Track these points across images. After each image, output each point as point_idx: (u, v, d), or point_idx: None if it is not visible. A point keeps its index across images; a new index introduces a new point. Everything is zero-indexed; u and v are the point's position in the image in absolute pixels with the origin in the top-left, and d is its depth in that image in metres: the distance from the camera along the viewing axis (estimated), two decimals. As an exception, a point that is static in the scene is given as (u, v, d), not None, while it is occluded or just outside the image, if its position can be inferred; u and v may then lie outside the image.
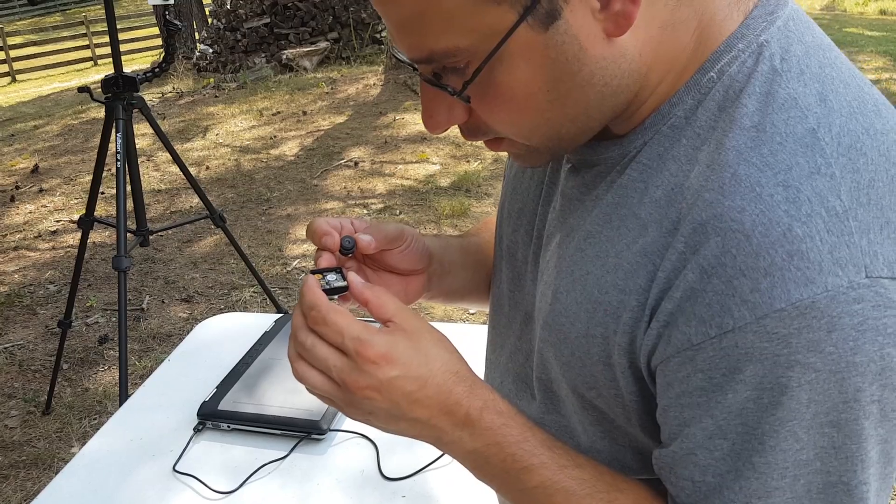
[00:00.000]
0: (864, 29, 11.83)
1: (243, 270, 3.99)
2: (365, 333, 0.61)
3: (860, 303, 0.49)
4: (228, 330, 1.78)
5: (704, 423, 0.55)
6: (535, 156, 0.65)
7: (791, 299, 0.49)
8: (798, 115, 0.53)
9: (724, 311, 0.51)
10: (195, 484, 1.29)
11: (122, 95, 2.57)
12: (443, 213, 4.75)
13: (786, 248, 0.49)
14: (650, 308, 0.57)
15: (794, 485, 0.54)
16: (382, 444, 1.36)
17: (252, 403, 1.41)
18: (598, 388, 0.63)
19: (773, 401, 0.52)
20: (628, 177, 0.61)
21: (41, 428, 3.01)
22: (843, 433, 0.52)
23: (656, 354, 0.57)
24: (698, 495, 0.57)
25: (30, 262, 4.56)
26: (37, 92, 12.46)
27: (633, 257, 0.58)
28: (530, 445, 0.63)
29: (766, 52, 0.56)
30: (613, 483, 0.64)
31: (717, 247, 0.52)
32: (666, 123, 0.59)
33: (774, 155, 0.52)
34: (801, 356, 0.50)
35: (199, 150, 6.58)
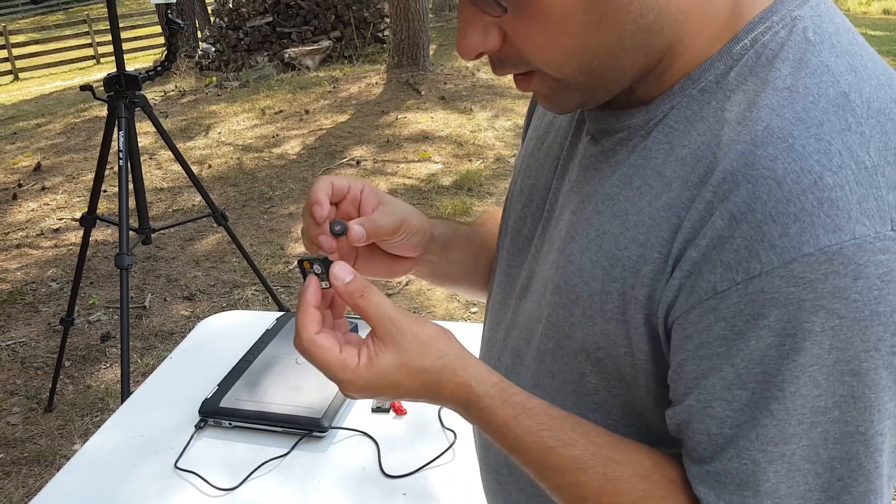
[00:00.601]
0: (867, 28, 11.82)
1: (245, 269, 3.99)
2: (342, 373, 0.63)
3: (885, 253, 0.50)
4: (230, 328, 1.78)
5: (724, 373, 0.55)
6: (563, 95, 0.64)
7: (820, 244, 0.50)
8: (830, 79, 0.55)
9: (752, 256, 0.52)
10: (196, 481, 1.29)
11: (125, 94, 2.58)
12: (444, 212, 4.75)
13: (816, 195, 0.50)
14: (674, 258, 0.57)
15: (810, 432, 0.54)
16: (383, 442, 1.36)
17: (253, 401, 1.42)
18: (608, 348, 0.64)
19: (795, 347, 0.52)
20: (653, 139, 0.62)
21: (43, 425, 3.02)
22: (862, 382, 0.53)
23: (676, 307, 0.57)
24: (714, 448, 0.58)
25: (32, 260, 4.56)
26: (39, 90, 12.48)
27: (656, 212, 0.59)
28: (513, 434, 0.65)
29: (799, 25, 0.58)
30: (611, 455, 0.64)
31: (747, 193, 0.52)
32: (696, 87, 0.60)
33: (807, 112, 0.53)
34: (826, 302, 0.50)
35: (202, 148, 6.58)
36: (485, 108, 7.09)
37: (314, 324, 0.64)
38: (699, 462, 0.59)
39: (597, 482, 0.63)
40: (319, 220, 0.72)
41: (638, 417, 0.66)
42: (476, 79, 8.17)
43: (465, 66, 8.76)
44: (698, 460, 0.59)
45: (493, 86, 7.88)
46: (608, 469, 0.64)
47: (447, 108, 7.10)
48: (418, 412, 1.44)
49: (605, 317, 0.63)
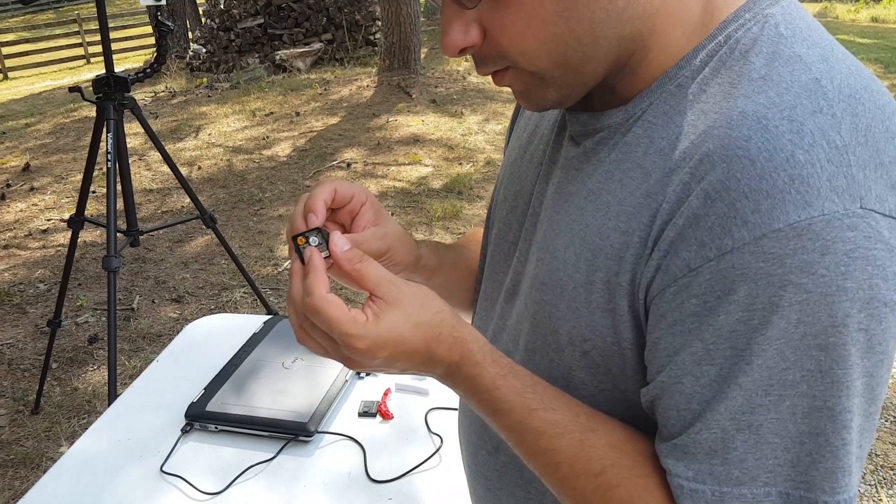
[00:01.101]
0: (855, 36, 11.90)
1: (234, 271, 3.99)
2: (353, 328, 0.63)
3: (853, 230, 0.52)
4: (217, 331, 1.78)
5: (694, 348, 0.56)
6: (539, 90, 0.65)
7: (789, 220, 0.51)
8: (802, 68, 0.56)
9: (725, 232, 0.53)
10: (182, 485, 1.29)
11: (113, 96, 2.57)
12: (434, 215, 4.76)
13: (788, 172, 0.52)
14: (653, 239, 0.59)
15: (778, 404, 0.55)
16: (369, 447, 1.36)
17: (240, 405, 1.42)
18: (594, 339, 0.65)
19: (763, 320, 0.53)
20: (633, 134, 0.64)
21: (30, 427, 3.00)
22: (830, 357, 0.53)
23: (653, 287, 0.59)
24: (682, 424, 0.59)
25: (20, 261, 4.54)
26: (29, 90, 12.42)
27: (636, 200, 0.61)
28: (500, 393, 0.67)
29: (771, 21, 0.60)
30: (587, 424, 0.66)
31: (722, 172, 0.54)
32: (673, 83, 0.62)
33: (780, 96, 0.55)
34: (793, 276, 0.52)
35: (192, 149, 6.57)
36: (475, 111, 7.10)
37: (325, 284, 0.65)
38: (668, 438, 0.60)
39: (573, 448, 0.65)
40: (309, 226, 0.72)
41: (626, 412, 0.67)
42: (467, 82, 8.18)
43: (455, 70, 8.78)
44: (667, 436, 0.61)
45: (483, 90, 7.89)
46: (584, 436, 0.65)
47: (438, 112, 7.11)
48: (405, 416, 1.44)
49: (591, 307, 0.64)
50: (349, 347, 0.63)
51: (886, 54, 10.16)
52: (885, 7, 15.78)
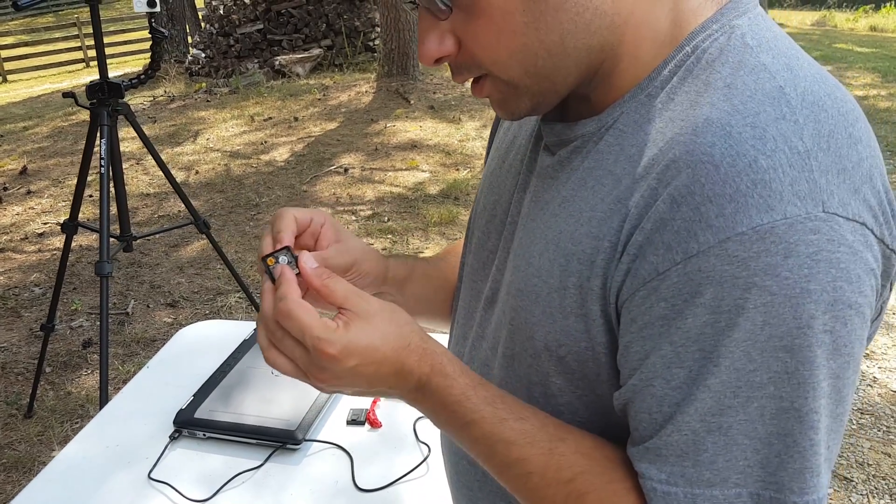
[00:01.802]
0: (853, 45, 11.94)
1: (229, 276, 3.99)
2: (324, 332, 0.63)
3: (816, 234, 0.52)
4: (208, 337, 1.78)
5: (664, 351, 0.57)
6: (513, 99, 0.67)
7: (752, 223, 0.52)
8: (767, 76, 0.58)
9: (690, 236, 0.54)
10: (169, 492, 1.29)
11: (107, 102, 2.58)
12: (431, 220, 4.76)
13: (751, 177, 0.53)
14: (622, 244, 0.60)
15: (747, 406, 0.56)
16: (357, 455, 1.36)
17: (228, 412, 1.42)
18: (569, 344, 0.65)
19: (729, 322, 0.54)
20: (606, 142, 0.65)
21: (22, 431, 3.00)
22: (796, 359, 0.54)
23: (623, 291, 0.60)
24: (653, 427, 0.59)
25: (15, 265, 4.54)
26: (27, 93, 12.43)
27: (607, 206, 0.62)
28: (471, 403, 0.67)
29: (737, 32, 0.61)
30: (556, 433, 0.66)
31: (687, 177, 0.55)
32: (644, 93, 0.64)
33: (744, 104, 0.56)
34: (758, 279, 0.53)
35: (190, 154, 6.57)
36: (473, 117, 7.11)
37: (297, 292, 0.66)
38: (640, 441, 0.61)
39: (543, 457, 0.65)
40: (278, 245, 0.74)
41: (604, 417, 0.68)
42: (465, 89, 8.19)
43: (454, 76, 8.79)
44: (638, 440, 0.61)
45: (482, 96, 7.90)
46: (553, 445, 0.66)
47: (436, 118, 7.12)
48: (393, 424, 1.44)
49: (565, 312, 0.65)
50: (320, 353, 0.63)
51: (885, 63, 10.18)
52: (884, 16, 15.83)
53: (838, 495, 2.47)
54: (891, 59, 10.68)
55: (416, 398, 0.69)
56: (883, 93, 8.13)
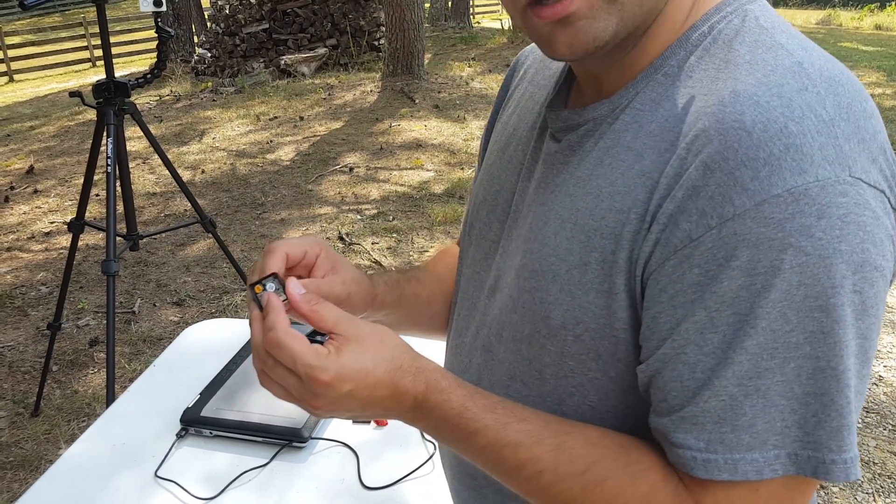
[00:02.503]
0: (859, 44, 11.89)
1: (235, 274, 4.00)
2: (315, 360, 0.63)
3: (845, 196, 0.54)
4: (214, 336, 1.79)
5: (698, 317, 0.57)
6: (603, 18, 0.62)
7: (787, 186, 0.53)
8: (785, 53, 0.60)
9: (726, 200, 0.55)
10: (176, 490, 1.30)
11: (114, 101, 2.58)
12: (436, 219, 4.76)
13: (783, 141, 0.54)
14: (651, 215, 0.60)
15: (783, 367, 0.56)
16: (363, 453, 1.37)
17: (234, 410, 1.42)
18: (587, 321, 0.65)
19: (765, 284, 0.55)
20: (622, 122, 0.66)
21: (29, 429, 3.01)
22: (830, 318, 0.55)
23: (652, 261, 0.60)
24: (686, 394, 0.59)
25: (22, 264, 4.56)
26: (34, 92, 12.47)
27: (630, 181, 0.63)
28: (471, 413, 0.67)
29: (751, 15, 0.64)
30: (560, 428, 0.67)
31: (720, 144, 0.56)
32: (659, 73, 0.65)
33: (767, 77, 0.58)
34: (793, 240, 0.54)
35: (195, 153, 6.59)
36: (478, 116, 7.11)
37: (285, 321, 0.66)
38: (670, 412, 0.61)
39: (552, 453, 0.65)
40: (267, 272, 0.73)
41: (615, 401, 0.68)
42: (470, 88, 8.20)
43: (459, 76, 8.80)
44: (669, 410, 0.61)
45: (486, 95, 7.91)
46: (560, 440, 0.66)
47: (441, 117, 7.12)
48: (399, 423, 1.44)
49: (584, 288, 0.65)
50: (313, 380, 0.63)
51: (890, 62, 10.15)
52: (889, 15, 15.77)
53: (843, 494, 2.47)
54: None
55: (414, 417, 0.68)
56: (889, 91, 8.11)
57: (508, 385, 0.75)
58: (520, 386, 0.74)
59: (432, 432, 0.70)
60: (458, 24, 13.72)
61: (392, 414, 0.68)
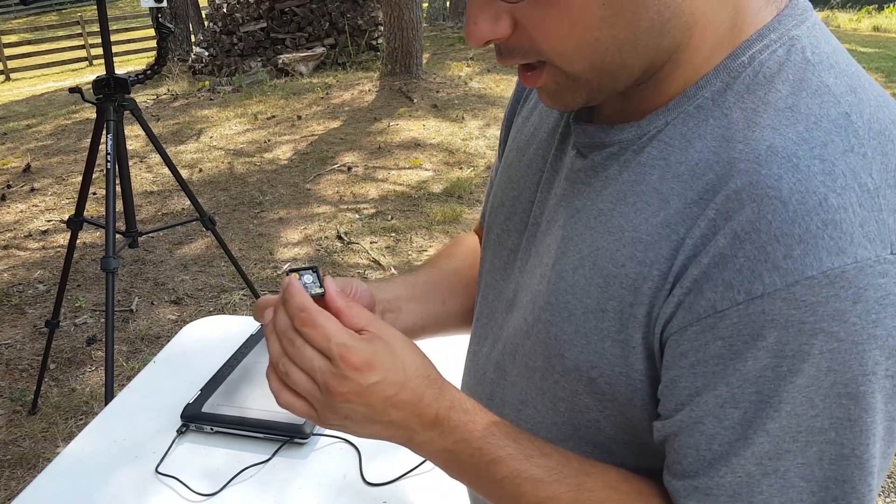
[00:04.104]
0: (857, 45, 11.91)
1: (233, 273, 3.99)
2: (350, 340, 0.62)
3: (884, 277, 0.51)
4: (214, 333, 1.78)
5: (718, 391, 0.55)
6: (570, 92, 0.62)
7: (822, 267, 0.50)
8: (831, 100, 0.55)
9: (755, 276, 0.52)
10: (177, 486, 1.29)
11: (114, 97, 2.58)
12: (434, 219, 4.76)
13: (821, 217, 0.50)
14: (674, 275, 0.57)
15: (806, 450, 0.54)
16: (365, 450, 1.36)
17: (235, 406, 1.42)
18: (602, 367, 0.63)
19: (792, 368, 0.52)
20: (647, 154, 0.61)
21: (27, 427, 3.00)
22: (859, 406, 0.53)
23: (673, 323, 0.57)
24: (701, 464, 0.57)
25: (19, 262, 4.54)
26: (30, 91, 12.45)
27: (654, 230, 0.59)
28: (496, 439, 0.64)
29: (797, 45, 0.58)
30: (581, 468, 0.65)
31: (752, 213, 0.52)
32: (692, 104, 0.60)
33: (810, 132, 0.53)
34: (825, 325, 0.51)
35: (193, 152, 6.58)
36: (476, 116, 7.11)
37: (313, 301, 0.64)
38: (683, 476, 0.59)
39: (572, 493, 0.63)
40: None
41: (631, 437, 0.66)
42: (468, 87, 8.19)
43: (457, 76, 8.79)
44: (682, 474, 0.59)
45: (484, 95, 7.90)
46: (580, 480, 0.64)
47: (439, 117, 7.12)
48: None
49: (601, 335, 0.62)
50: (345, 361, 0.61)
51: (888, 63, 10.17)
52: (887, 17, 15.81)
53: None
54: (894, 58, 10.67)
55: (431, 438, 0.65)
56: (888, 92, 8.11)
57: (520, 409, 0.73)
58: (532, 412, 0.72)
59: (446, 458, 0.66)
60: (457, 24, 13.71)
61: (406, 431, 0.65)
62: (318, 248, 4.46)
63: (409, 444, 0.66)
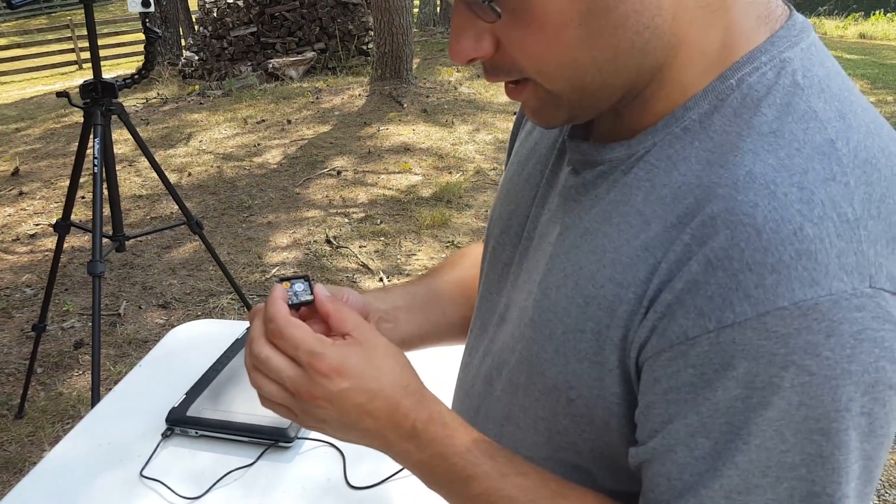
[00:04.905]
0: (843, 52, 12.00)
1: (222, 277, 3.98)
2: (318, 346, 0.62)
3: (861, 311, 0.49)
4: (200, 336, 1.78)
5: (689, 420, 0.54)
6: (552, 109, 0.62)
7: (795, 298, 0.49)
8: (817, 126, 0.54)
9: (726, 304, 0.51)
10: (161, 489, 1.29)
11: (101, 101, 2.57)
12: (423, 223, 4.77)
13: (795, 247, 0.49)
14: (648, 299, 0.56)
15: (776, 486, 0.53)
16: (349, 453, 1.36)
17: (220, 410, 1.42)
18: (580, 388, 0.62)
19: (762, 400, 0.51)
20: (634, 175, 0.61)
21: (13, 432, 2.99)
22: (832, 443, 0.51)
23: (647, 348, 0.56)
24: (672, 493, 0.57)
25: (7, 266, 4.52)
26: (20, 94, 12.39)
27: (633, 251, 0.58)
28: (472, 456, 0.64)
29: (788, 68, 0.57)
30: (558, 490, 0.64)
31: (725, 239, 0.51)
32: (679, 126, 0.59)
33: (791, 158, 0.52)
34: (797, 357, 0.49)
35: (182, 156, 6.56)
36: (466, 121, 7.13)
37: (286, 310, 0.65)
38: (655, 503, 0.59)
39: None
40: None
41: (609, 461, 0.65)
42: (458, 93, 8.21)
43: (447, 81, 8.80)
44: (654, 502, 0.59)
45: (474, 100, 7.92)
46: (556, 502, 0.64)
47: (429, 122, 7.13)
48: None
49: (579, 356, 0.62)
50: (313, 368, 0.61)
51: (874, 70, 10.25)
52: (873, 24, 15.93)
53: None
54: (880, 65, 10.76)
55: (407, 449, 0.65)
56: (872, 99, 8.18)
57: (503, 425, 0.73)
58: (513, 429, 0.71)
59: (422, 470, 0.67)
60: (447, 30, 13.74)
61: (382, 440, 0.65)
62: (307, 253, 4.46)
63: (387, 453, 0.67)
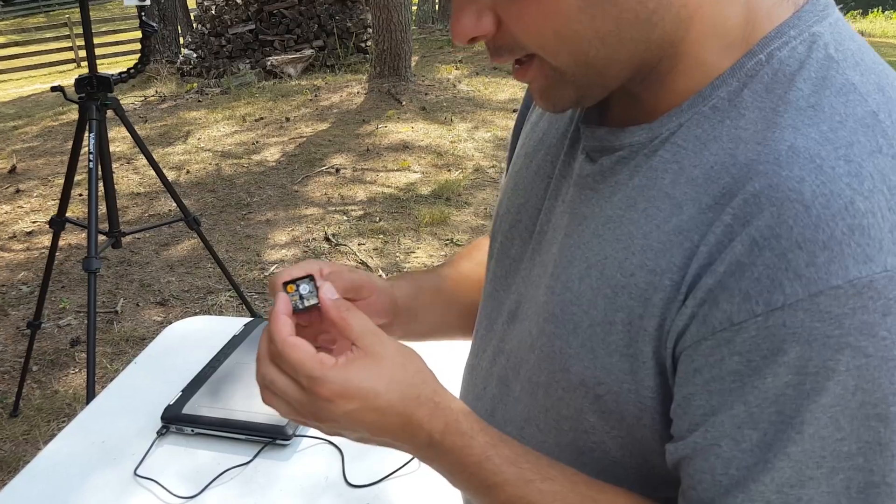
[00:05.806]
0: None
1: (219, 274, 3.96)
2: (317, 370, 0.59)
3: None
4: (197, 333, 1.76)
5: (735, 411, 0.52)
6: (559, 89, 0.60)
7: (849, 276, 0.47)
8: (857, 98, 0.52)
9: (775, 286, 0.48)
10: (156, 488, 1.27)
11: (96, 96, 2.55)
12: (422, 221, 4.74)
13: (847, 222, 0.47)
14: (687, 285, 0.53)
15: (831, 478, 0.50)
16: (348, 451, 1.34)
17: (217, 408, 1.40)
18: (609, 383, 0.59)
19: (816, 386, 0.48)
20: (660, 158, 0.58)
21: (8, 430, 2.96)
22: (890, 428, 0.49)
23: (686, 337, 0.54)
24: (717, 490, 0.54)
25: (3, 263, 4.50)
26: (17, 92, 12.37)
27: (666, 237, 0.55)
28: (492, 464, 0.61)
29: (819, 42, 0.54)
30: (588, 493, 0.61)
31: (771, 217, 0.49)
32: (707, 105, 0.56)
33: (834, 132, 0.50)
34: (852, 339, 0.47)
35: (180, 154, 6.54)
36: (465, 119, 7.10)
37: (288, 328, 0.62)
38: (698, 502, 0.55)
39: None
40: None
41: (640, 460, 0.62)
42: (457, 90, 8.18)
43: (446, 78, 8.79)
44: (697, 501, 0.55)
45: (473, 98, 7.90)
46: None
47: (427, 119, 7.10)
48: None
49: (608, 349, 0.59)
50: (314, 394, 0.59)
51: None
52: (871, 21, 15.95)
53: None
54: (881, 63, 10.74)
55: (428, 456, 0.63)
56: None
57: (523, 427, 0.70)
58: (535, 430, 0.68)
59: (447, 476, 0.65)
60: (445, 27, 13.71)
61: (405, 447, 0.63)
62: (305, 250, 4.44)
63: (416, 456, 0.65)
